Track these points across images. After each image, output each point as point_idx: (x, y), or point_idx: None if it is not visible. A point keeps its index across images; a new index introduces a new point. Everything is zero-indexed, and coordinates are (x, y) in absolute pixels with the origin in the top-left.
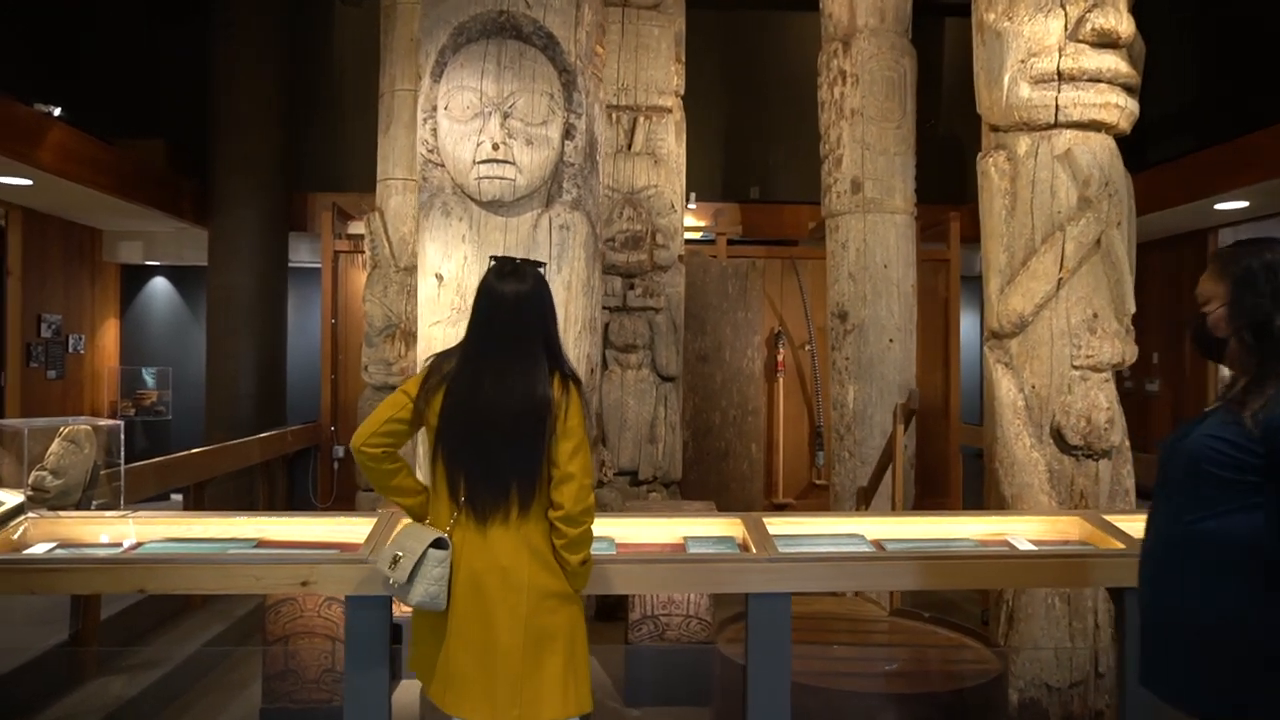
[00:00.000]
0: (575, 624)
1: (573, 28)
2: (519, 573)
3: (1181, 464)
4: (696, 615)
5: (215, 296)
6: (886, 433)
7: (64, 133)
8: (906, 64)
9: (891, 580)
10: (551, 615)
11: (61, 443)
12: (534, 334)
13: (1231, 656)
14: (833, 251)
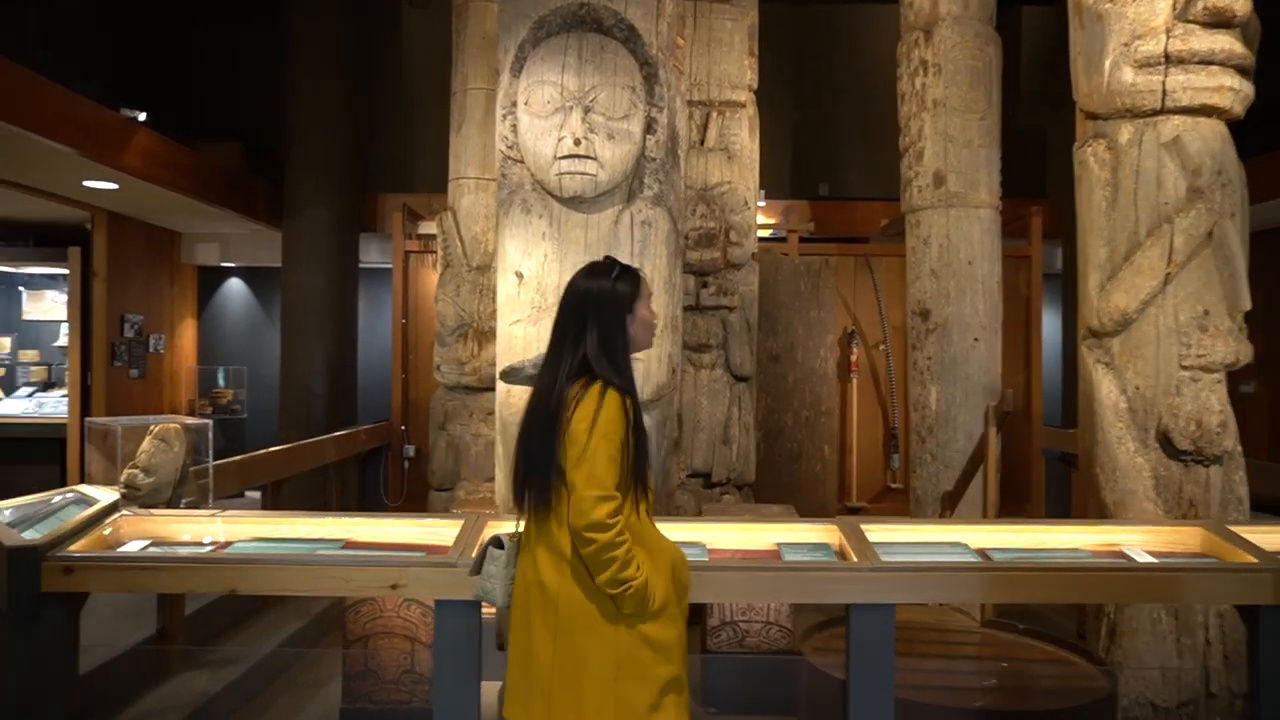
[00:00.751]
0: (625, 653)
1: (654, 20)
2: (551, 583)
3: None
4: (777, 622)
5: (288, 297)
6: (971, 435)
7: (148, 137)
8: (991, 52)
9: (1002, 592)
10: (585, 634)
11: (153, 441)
12: (571, 329)
13: None
14: (913, 248)
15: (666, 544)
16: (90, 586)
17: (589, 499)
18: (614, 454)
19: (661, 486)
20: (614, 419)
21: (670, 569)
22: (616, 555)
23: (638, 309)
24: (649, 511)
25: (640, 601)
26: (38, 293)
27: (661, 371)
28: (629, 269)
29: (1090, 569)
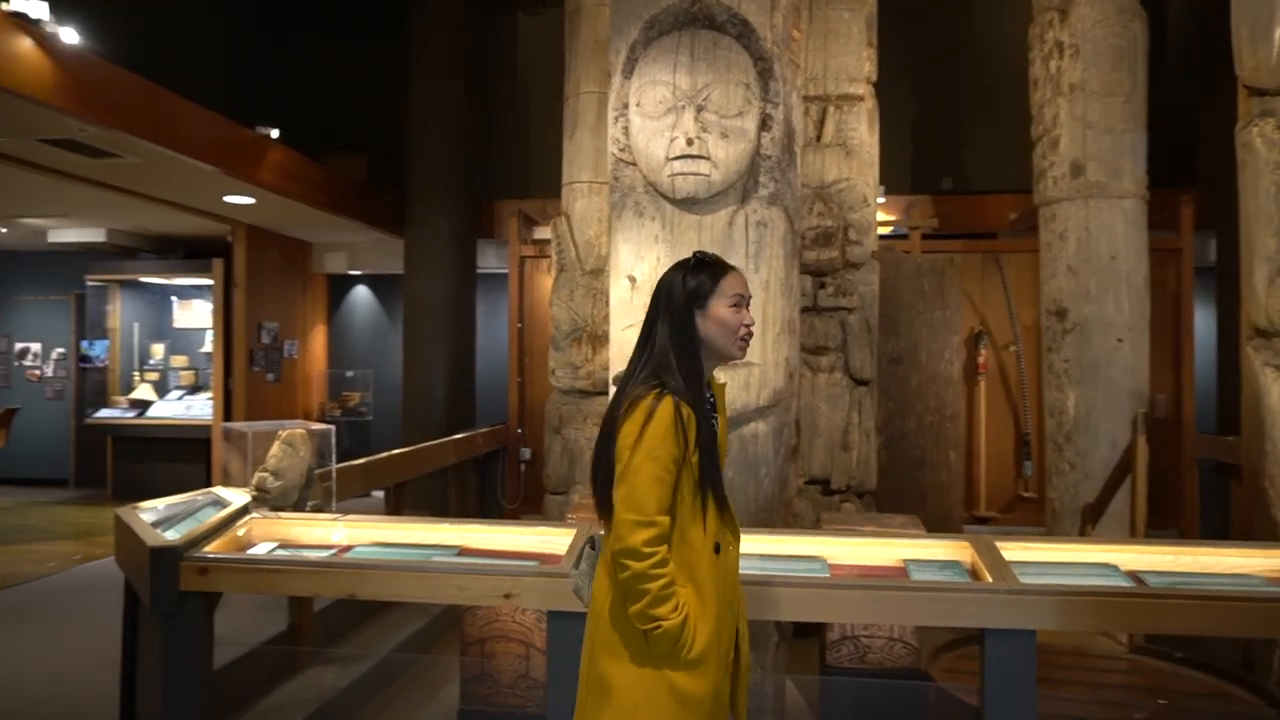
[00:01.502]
0: (647, 695)
1: (768, 12)
2: (598, 599)
3: None
4: (901, 639)
5: (410, 303)
6: (1114, 443)
7: (281, 153)
8: (1136, 29)
9: (1160, 622)
10: (614, 663)
11: (280, 445)
12: (646, 328)
13: None
14: (1048, 243)
15: (730, 588)
16: (222, 587)
17: (625, 522)
18: (660, 474)
19: (780, 495)
20: (663, 434)
21: (719, 617)
22: (649, 589)
23: (713, 307)
24: (725, 543)
25: (672, 645)
26: (187, 302)
27: (779, 376)
28: (711, 262)
29: (1271, 599)
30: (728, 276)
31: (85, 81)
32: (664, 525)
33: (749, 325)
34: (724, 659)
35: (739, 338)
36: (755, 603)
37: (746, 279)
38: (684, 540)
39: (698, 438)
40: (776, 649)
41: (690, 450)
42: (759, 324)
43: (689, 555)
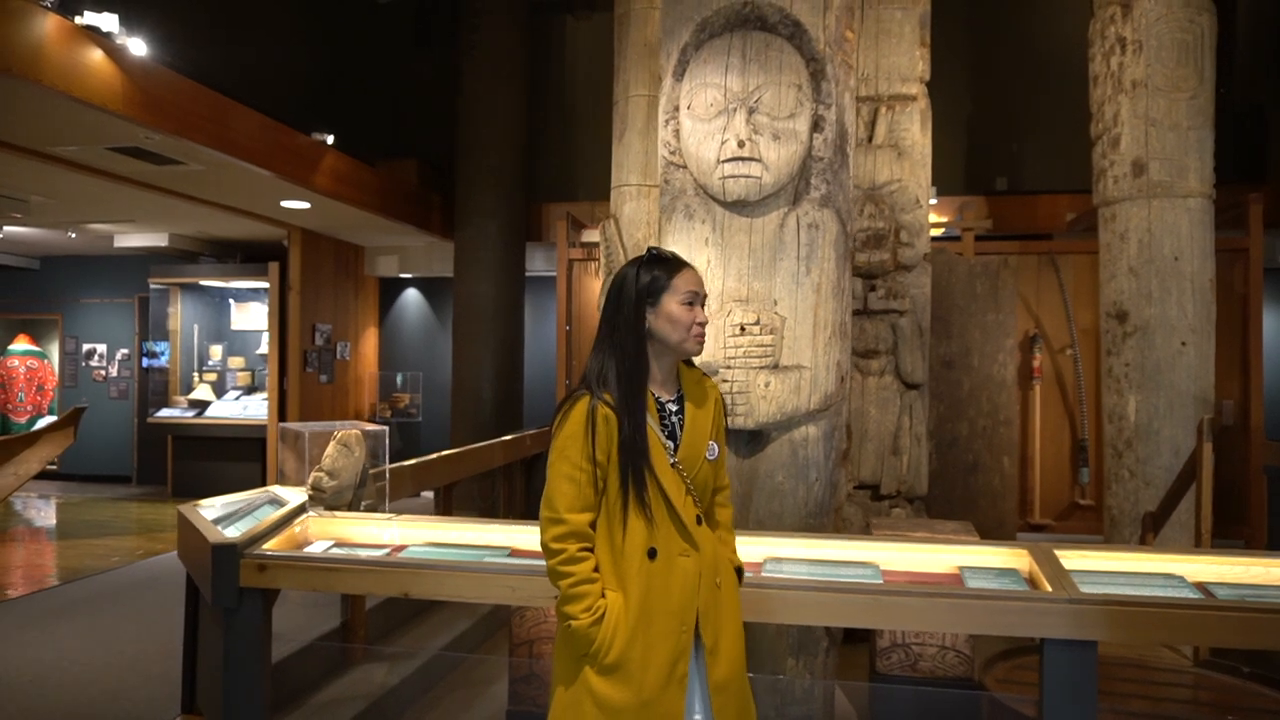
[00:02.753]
0: (572, 692)
1: (821, 13)
2: None
3: None
4: (954, 647)
5: (460, 305)
6: (1177, 450)
7: (335, 158)
8: (1204, 23)
9: (1227, 635)
10: (556, 659)
11: (336, 446)
12: (600, 327)
13: None
14: (1108, 243)
15: (680, 598)
16: (280, 584)
17: (541, 519)
18: (570, 473)
19: (830, 500)
20: (572, 434)
21: (652, 627)
22: (560, 585)
23: (665, 303)
24: (672, 552)
25: (587, 645)
26: (244, 304)
27: (830, 380)
28: (666, 258)
29: None
30: (682, 273)
31: (152, 91)
32: (575, 523)
33: (702, 323)
34: (665, 672)
35: (692, 335)
36: (804, 609)
37: (700, 276)
38: (611, 543)
39: (620, 438)
40: (826, 654)
41: (609, 449)
42: (810, 327)
43: (617, 559)
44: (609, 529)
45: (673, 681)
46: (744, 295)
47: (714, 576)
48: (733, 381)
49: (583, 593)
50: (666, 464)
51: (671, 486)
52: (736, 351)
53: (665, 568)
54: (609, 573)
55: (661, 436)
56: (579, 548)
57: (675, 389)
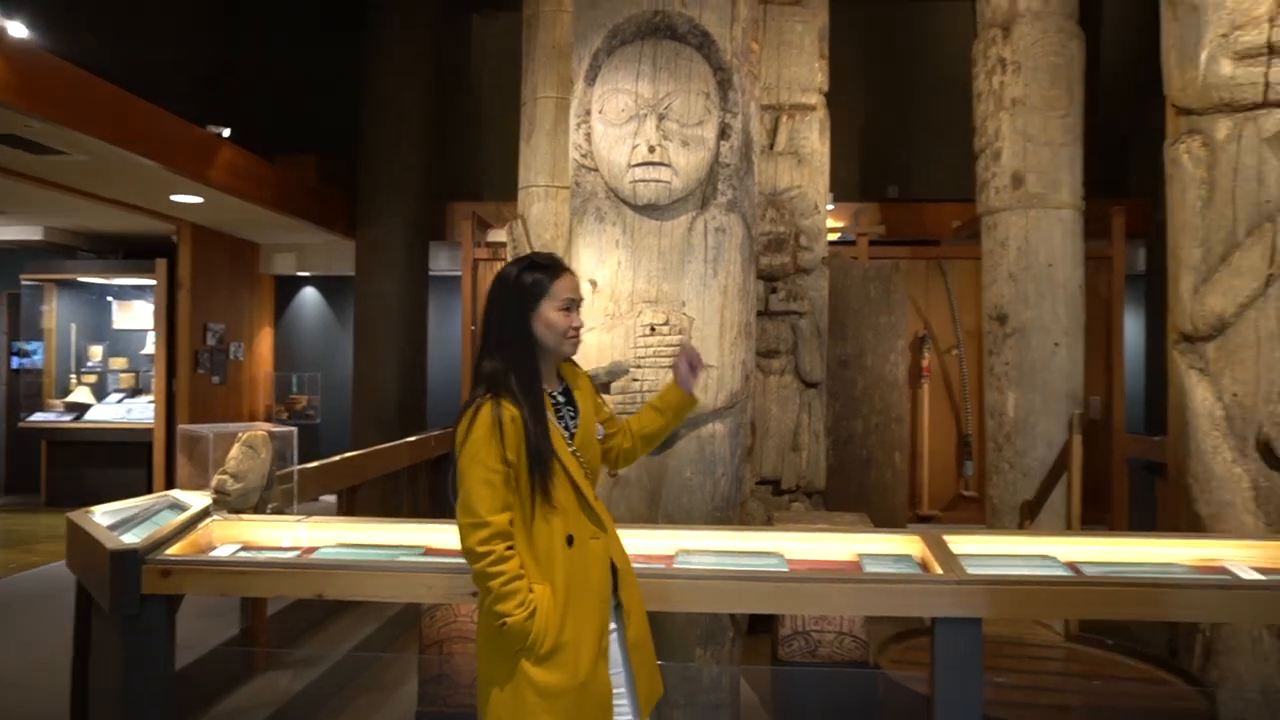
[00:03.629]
0: (510, 686)
1: (728, 24)
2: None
3: None
4: (850, 633)
5: (362, 304)
6: (1051, 443)
7: (232, 152)
8: (1074, 48)
9: (1097, 608)
10: (484, 657)
11: (241, 448)
12: (482, 331)
13: None
14: (989, 250)
15: (597, 578)
16: (186, 589)
17: (461, 526)
18: (486, 476)
19: (735, 494)
20: (483, 438)
21: (580, 610)
22: (490, 586)
23: (543, 308)
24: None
25: (522, 640)
26: (127, 303)
27: (736, 379)
28: (545, 264)
29: (1195, 585)
30: (560, 279)
31: (33, 77)
32: (498, 524)
33: (577, 326)
34: (594, 649)
35: (568, 338)
36: (716, 597)
37: (578, 281)
38: (531, 537)
39: (526, 436)
40: (732, 644)
41: (518, 449)
42: (716, 328)
43: (538, 551)
44: (526, 525)
45: (600, 655)
46: (653, 296)
47: (620, 546)
48: (643, 380)
49: (514, 589)
50: (568, 453)
51: (576, 472)
52: (647, 351)
53: (582, 552)
54: (531, 567)
55: (559, 427)
56: (505, 547)
57: (560, 382)
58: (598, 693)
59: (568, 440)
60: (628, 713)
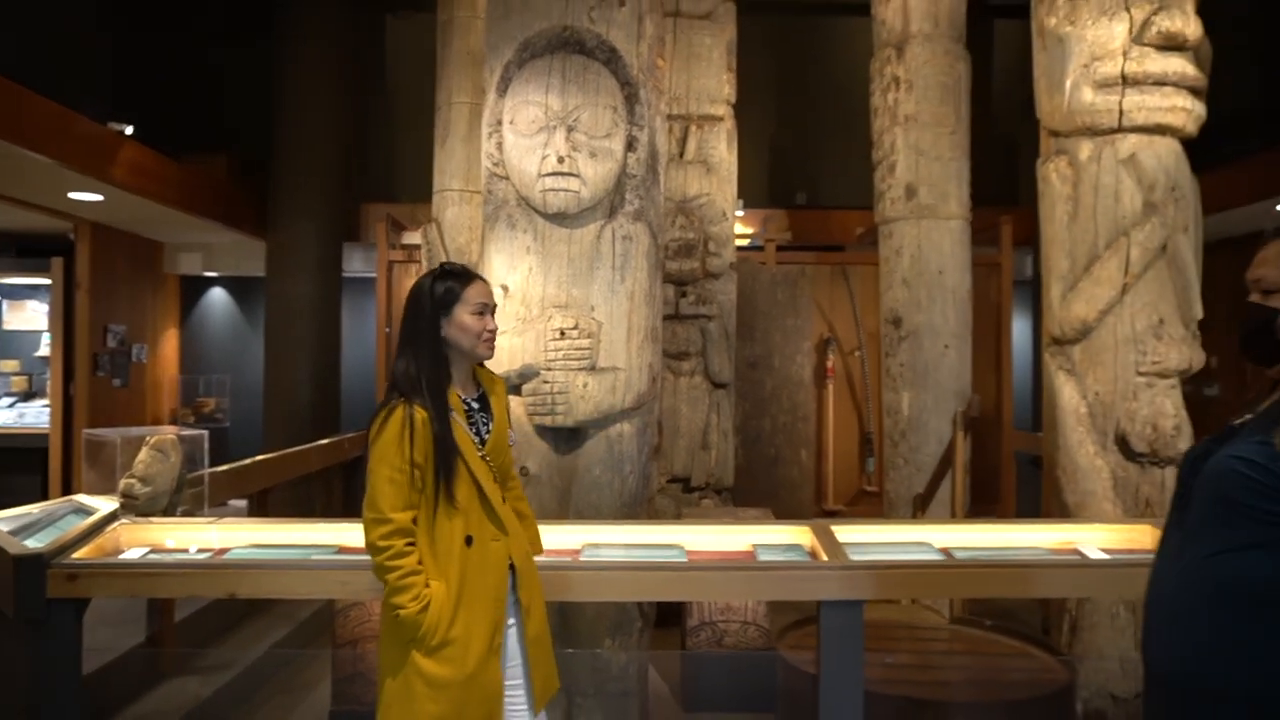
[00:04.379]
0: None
1: (635, 41)
2: None
3: (1203, 487)
4: (754, 622)
5: (273, 306)
6: (942, 439)
7: (135, 150)
8: (961, 70)
9: (963, 588)
10: (385, 642)
11: (149, 451)
12: (400, 336)
13: None
14: (886, 258)
15: (494, 578)
16: (95, 592)
17: (365, 521)
18: (392, 475)
19: (643, 491)
20: (392, 440)
21: (474, 606)
22: (388, 579)
23: (457, 313)
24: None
25: (415, 630)
26: (18, 303)
27: (643, 380)
28: (458, 272)
29: (1044, 565)
30: (472, 285)
31: None
32: (400, 521)
33: (491, 330)
34: (485, 645)
35: (482, 341)
36: (620, 587)
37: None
38: (433, 535)
39: (435, 439)
40: (640, 634)
41: (426, 450)
42: (624, 331)
43: (438, 550)
44: (428, 523)
45: (492, 652)
46: (563, 301)
47: (524, 546)
48: (553, 382)
49: (410, 583)
50: (476, 456)
51: (483, 476)
52: (556, 354)
53: (480, 553)
54: (430, 563)
55: (469, 432)
56: (404, 543)
57: (476, 388)
58: (485, 686)
59: (478, 445)
60: (523, 704)
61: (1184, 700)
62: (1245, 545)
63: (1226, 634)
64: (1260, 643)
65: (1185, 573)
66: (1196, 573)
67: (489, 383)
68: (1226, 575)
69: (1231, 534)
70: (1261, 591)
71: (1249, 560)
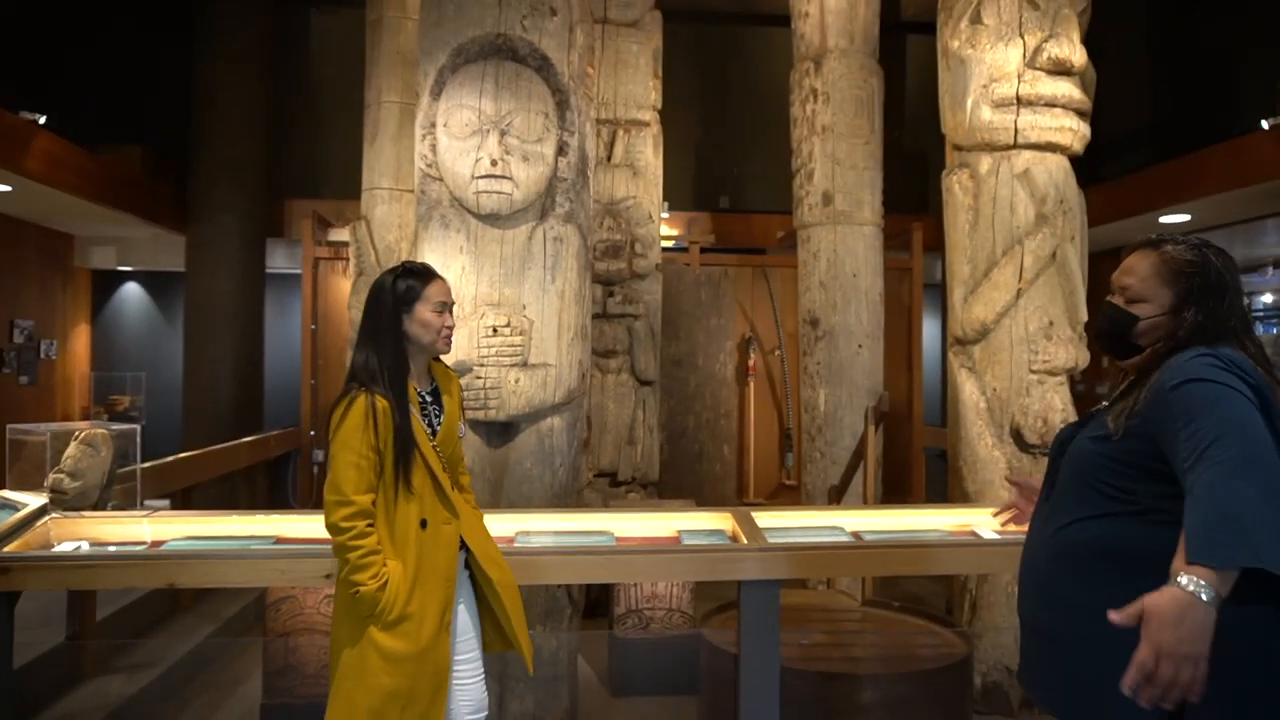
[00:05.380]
0: (357, 651)
1: (566, 50)
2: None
3: (1066, 466)
4: (679, 609)
5: (193, 302)
6: (856, 434)
7: (48, 140)
8: (874, 84)
9: (871, 567)
10: (338, 623)
11: (79, 446)
12: (360, 330)
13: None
14: (804, 261)
15: (447, 560)
16: (28, 585)
17: (327, 503)
18: (355, 460)
19: (572, 483)
20: (355, 426)
21: (428, 586)
22: (349, 559)
23: (418, 310)
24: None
25: (373, 607)
26: None
27: (573, 376)
28: (418, 271)
29: (943, 545)
30: (433, 284)
31: None
32: (362, 504)
33: (450, 326)
34: (437, 622)
35: (441, 336)
36: (553, 571)
37: (449, 287)
38: (391, 518)
39: (395, 428)
40: (570, 620)
41: (387, 438)
42: (555, 329)
43: (396, 531)
44: (387, 507)
45: (443, 628)
46: (496, 300)
47: (480, 530)
48: (485, 378)
49: (370, 562)
50: (429, 445)
51: (435, 464)
52: (489, 351)
53: (434, 535)
54: (387, 544)
55: (423, 423)
56: (365, 524)
57: (430, 382)
58: (436, 660)
59: (430, 435)
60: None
61: (1046, 646)
62: (1091, 516)
63: (1073, 590)
64: (1100, 595)
65: (1045, 542)
66: (1054, 540)
67: (443, 377)
68: (1074, 540)
69: (1081, 506)
70: (1099, 553)
71: (1091, 528)
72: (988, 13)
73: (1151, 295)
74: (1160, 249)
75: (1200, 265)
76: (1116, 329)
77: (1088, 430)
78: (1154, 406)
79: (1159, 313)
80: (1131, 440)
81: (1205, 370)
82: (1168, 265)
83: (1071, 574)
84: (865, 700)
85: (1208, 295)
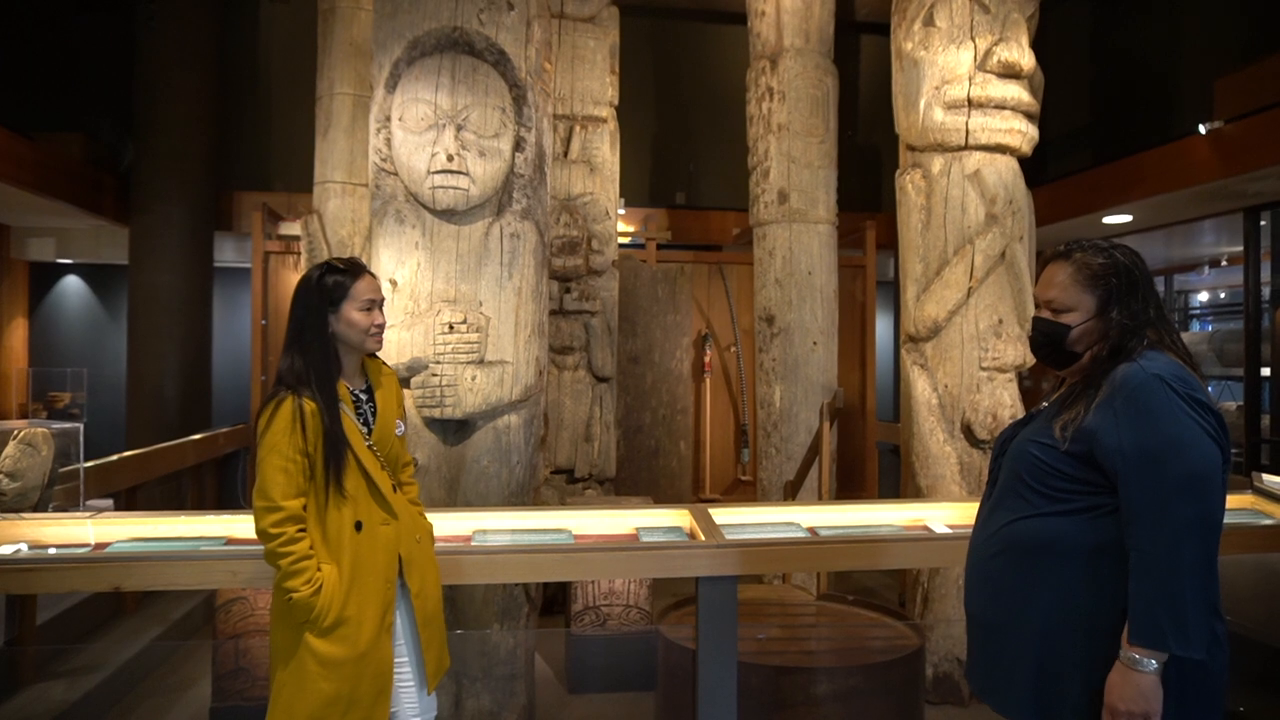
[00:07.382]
0: (295, 657)
1: (523, 45)
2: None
3: (1007, 465)
4: (636, 605)
5: (137, 296)
6: (811, 430)
7: None
8: (829, 83)
9: (826, 562)
10: (276, 626)
11: (17, 445)
12: (288, 330)
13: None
14: (760, 259)
15: (384, 561)
16: None
17: (257, 509)
18: (283, 465)
19: (530, 480)
20: (282, 430)
21: (365, 588)
22: (280, 565)
23: (345, 309)
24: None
25: (307, 613)
26: None
27: (530, 373)
28: (345, 268)
29: (896, 539)
30: (360, 280)
31: None
32: (291, 509)
33: (380, 324)
34: (376, 625)
35: (370, 335)
36: (513, 569)
37: (379, 283)
38: (323, 521)
39: (323, 430)
40: (527, 618)
41: (316, 441)
42: (511, 326)
43: (330, 534)
44: (319, 510)
45: (383, 630)
46: (452, 296)
47: (413, 534)
48: (442, 375)
49: (302, 568)
50: (364, 445)
51: (370, 464)
52: (445, 348)
53: (370, 537)
54: (321, 548)
55: (357, 422)
56: (296, 529)
57: (363, 380)
58: (377, 662)
59: (365, 435)
60: (410, 681)
61: (988, 634)
62: (1032, 515)
63: (1014, 582)
64: (1039, 586)
65: (988, 539)
66: (996, 537)
67: (376, 374)
68: (1015, 537)
69: (1022, 505)
70: (1039, 547)
71: (1031, 525)
72: (940, 15)
73: (1076, 303)
74: (1071, 257)
75: (1113, 266)
76: (1051, 341)
77: (1029, 431)
78: (1107, 434)
79: (1086, 318)
80: (1077, 458)
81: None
82: (1083, 272)
83: (1014, 568)
84: (820, 693)
85: (1126, 293)
